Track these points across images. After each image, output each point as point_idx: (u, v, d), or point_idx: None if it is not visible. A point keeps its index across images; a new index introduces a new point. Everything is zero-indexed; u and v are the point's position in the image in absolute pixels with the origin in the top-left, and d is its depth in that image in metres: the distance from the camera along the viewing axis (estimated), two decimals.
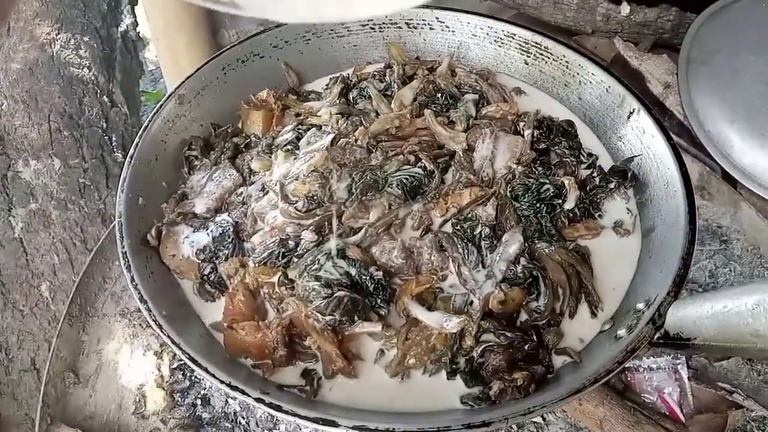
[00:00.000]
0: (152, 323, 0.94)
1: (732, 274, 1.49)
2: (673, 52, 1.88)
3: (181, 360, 1.34)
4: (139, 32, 2.38)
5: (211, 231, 1.10)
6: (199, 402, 1.30)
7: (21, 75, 1.87)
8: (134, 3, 2.35)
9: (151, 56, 3.22)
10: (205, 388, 1.32)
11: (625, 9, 1.99)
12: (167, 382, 1.33)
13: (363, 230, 1.04)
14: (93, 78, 2.01)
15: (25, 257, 1.61)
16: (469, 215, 1.07)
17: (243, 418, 1.27)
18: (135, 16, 2.34)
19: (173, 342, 0.92)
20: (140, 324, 1.42)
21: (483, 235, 1.04)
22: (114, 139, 1.95)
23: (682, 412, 1.25)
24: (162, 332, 0.93)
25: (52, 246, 1.64)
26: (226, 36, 1.97)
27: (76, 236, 1.71)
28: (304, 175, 1.11)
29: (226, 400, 1.30)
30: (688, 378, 1.29)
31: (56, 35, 2.00)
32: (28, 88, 1.84)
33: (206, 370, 0.89)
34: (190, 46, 1.87)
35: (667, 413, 1.25)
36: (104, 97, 2.02)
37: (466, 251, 1.02)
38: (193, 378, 1.33)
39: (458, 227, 1.06)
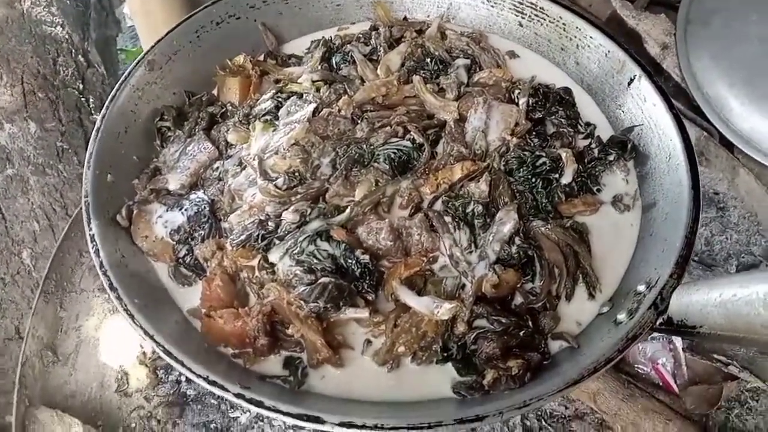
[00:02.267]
0: (123, 312, 0.88)
1: (728, 242, 1.45)
2: (671, 11, 1.80)
3: None
4: None
5: (186, 210, 1.03)
6: (183, 378, 1.24)
7: None
8: None
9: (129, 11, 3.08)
10: None
11: None
12: (150, 358, 1.27)
13: (348, 209, 0.97)
14: (67, 37, 1.91)
15: (4, 224, 1.56)
16: (461, 192, 1.01)
17: None
18: None
19: (146, 333, 0.86)
20: None
21: (475, 213, 0.98)
22: (91, 100, 1.87)
23: (676, 383, 1.23)
24: (134, 323, 0.87)
25: (32, 212, 1.59)
26: None
27: (56, 201, 1.66)
28: (284, 149, 1.03)
29: None
30: (683, 349, 1.26)
31: None
32: None
33: (182, 364, 0.84)
34: (166, 4, 1.76)
35: (661, 384, 1.23)
36: (80, 56, 1.93)
37: (457, 231, 0.96)
38: None
39: (449, 205, 1.00)
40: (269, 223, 0.97)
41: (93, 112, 1.88)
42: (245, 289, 0.98)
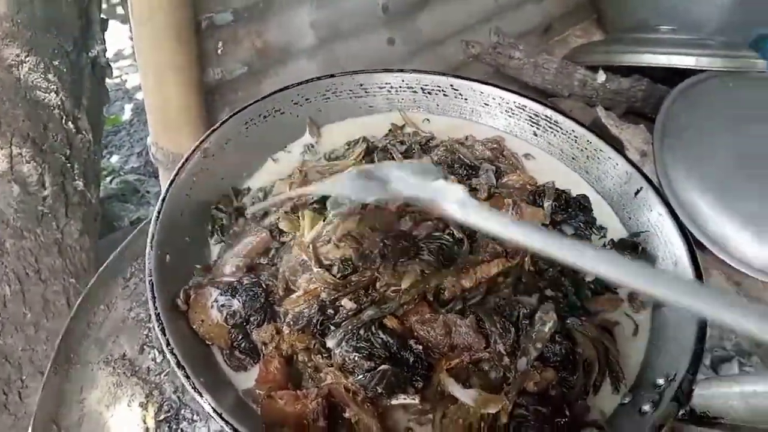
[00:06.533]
0: (191, 389, 0.92)
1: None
2: (646, 121, 2.00)
3: (168, 413, 1.31)
4: (108, 59, 2.32)
5: (240, 295, 1.08)
6: None
7: None
8: (105, 28, 2.29)
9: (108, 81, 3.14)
10: None
11: (601, 77, 2.12)
12: None
13: (397, 297, 1.05)
14: (59, 103, 1.94)
15: None
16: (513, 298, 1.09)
17: None
18: (105, 43, 2.28)
19: (215, 411, 0.90)
20: (124, 373, 1.36)
21: (521, 316, 1.05)
22: (76, 166, 1.89)
23: None
24: (202, 399, 0.91)
25: (4, 276, 1.58)
26: (211, 73, 1.96)
27: (30, 266, 1.65)
28: (336, 239, 1.11)
29: None
30: None
31: (25, 57, 1.93)
32: None
33: None
34: (179, 81, 1.84)
35: None
36: (69, 123, 1.95)
37: (504, 330, 1.03)
38: (179, 431, 1.29)
39: (499, 304, 1.07)
40: (328, 310, 1.03)
41: (77, 178, 1.89)
42: (299, 371, 1.03)
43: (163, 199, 1.12)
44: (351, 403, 0.95)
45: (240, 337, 1.06)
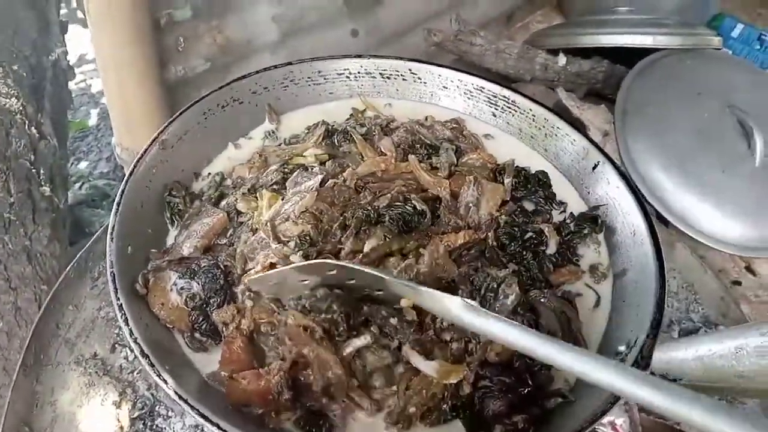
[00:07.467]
0: (156, 378, 0.92)
1: (670, 309, 1.60)
2: (608, 102, 2.03)
3: (143, 410, 1.31)
4: (69, 61, 2.29)
5: (199, 277, 1.08)
6: None
7: None
8: (64, 31, 2.27)
9: (72, 86, 3.11)
10: None
11: (561, 60, 2.14)
12: None
13: (358, 260, 1.05)
14: (21, 108, 1.91)
15: None
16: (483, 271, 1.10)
17: None
18: (65, 45, 2.26)
19: (180, 397, 0.90)
20: (96, 372, 1.35)
21: (489, 288, 1.07)
22: (42, 171, 1.87)
23: None
24: (167, 387, 0.91)
25: None
26: (173, 70, 1.95)
27: None
28: (295, 216, 1.12)
29: None
30: (638, 410, 1.38)
31: None
32: None
33: (218, 426, 0.87)
34: (140, 80, 1.83)
35: None
36: (32, 128, 1.92)
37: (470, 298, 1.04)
38: (154, 427, 1.29)
39: (470, 273, 1.09)
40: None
41: (43, 183, 1.87)
42: (261, 348, 1.03)
43: (122, 192, 1.12)
44: (309, 341, 0.96)
45: (200, 319, 1.06)
